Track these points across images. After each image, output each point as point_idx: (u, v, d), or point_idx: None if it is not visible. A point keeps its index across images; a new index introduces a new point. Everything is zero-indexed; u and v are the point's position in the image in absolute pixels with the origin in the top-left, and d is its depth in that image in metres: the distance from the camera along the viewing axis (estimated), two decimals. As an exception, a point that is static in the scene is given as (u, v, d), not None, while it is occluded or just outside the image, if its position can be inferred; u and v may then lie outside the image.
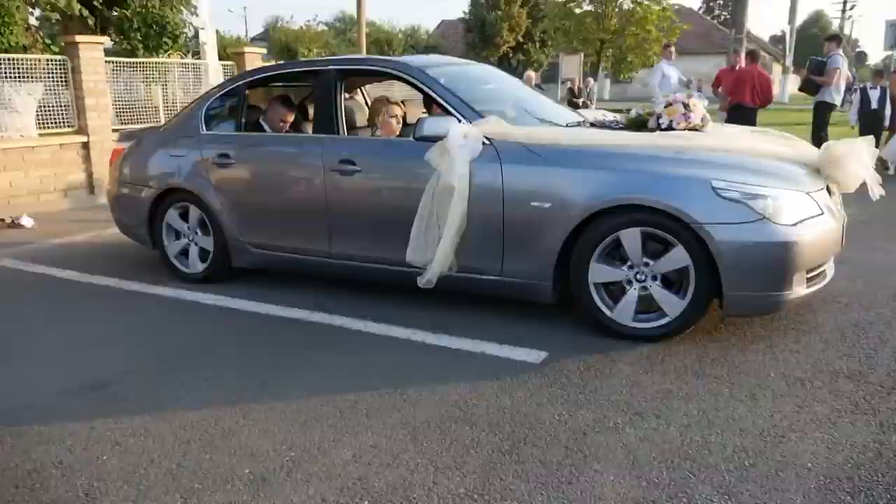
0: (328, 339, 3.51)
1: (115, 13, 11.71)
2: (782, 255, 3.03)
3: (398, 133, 4.31)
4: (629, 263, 3.27)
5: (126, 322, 3.91)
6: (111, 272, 4.83)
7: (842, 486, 2.13)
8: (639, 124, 3.81)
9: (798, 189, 3.15)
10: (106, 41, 9.36)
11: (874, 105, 9.78)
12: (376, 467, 2.32)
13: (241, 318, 3.88)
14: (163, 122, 7.58)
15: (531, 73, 14.32)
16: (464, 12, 38.84)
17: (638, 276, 3.28)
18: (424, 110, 4.32)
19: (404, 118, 4.48)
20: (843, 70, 9.15)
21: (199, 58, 10.43)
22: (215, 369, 3.15)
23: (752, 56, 9.46)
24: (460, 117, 3.62)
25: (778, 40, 51.68)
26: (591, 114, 4.52)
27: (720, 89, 9.63)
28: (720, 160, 3.25)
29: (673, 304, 3.24)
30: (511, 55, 40.60)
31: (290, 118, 4.58)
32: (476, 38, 38.15)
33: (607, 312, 3.34)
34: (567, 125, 3.96)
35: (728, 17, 40.68)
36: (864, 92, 9.83)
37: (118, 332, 3.74)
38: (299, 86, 5.17)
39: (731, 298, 3.10)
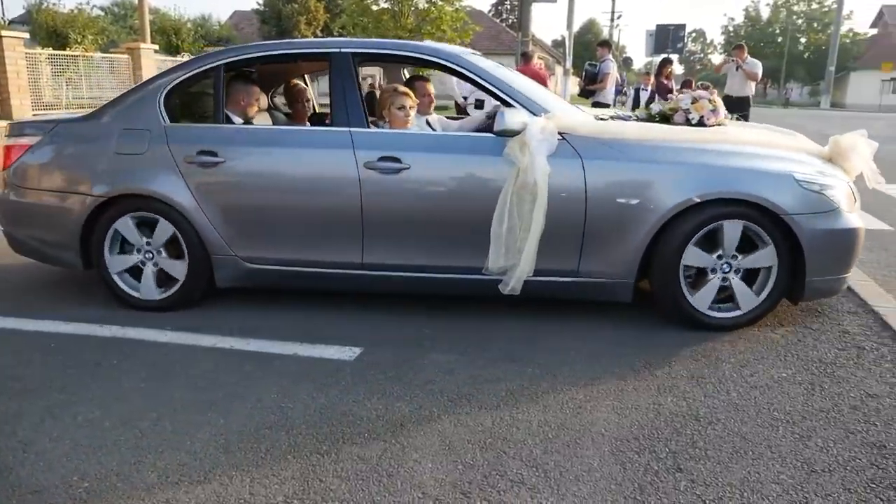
0: (122, 353, 3.21)
1: None
2: (853, 240, 3.34)
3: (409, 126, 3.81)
4: (718, 253, 3.35)
5: None
6: None
7: (630, 447, 2.38)
8: (664, 119, 3.86)
9: (845, 179, 3.44)
10: None
11: (643, 103, 11.04)
12: (186, 486, 2.17)
13: (13, 337, 3.42)
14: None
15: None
16: (258, 3, 37.45)
17: (723, 268, 3.38)
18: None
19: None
20: (613, 73, 10.23)
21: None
22: (-17, 399, 2.75)
23: (525, 57, 10.55)
24: (530, 111, 3.39)
25: (559, 44, 56.30)
26: (608, 111, 4.39)
27: None
28: (788, 155, 3.46)
29: (748, 299, 3.39)
30: (310, 50, 39.94)
31: (261, 101, 3.86)
32: (272, 30, 36.99)
33: (688, 297, 3.38)
34: (606, 119, 3.77)
35: (515, 20, 43.47)
36: (637, 92, 11.05)
37: None
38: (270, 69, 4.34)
39: (813, 284, 3.31)
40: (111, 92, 10.93)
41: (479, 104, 9.53)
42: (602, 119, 3.74)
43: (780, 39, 55.04)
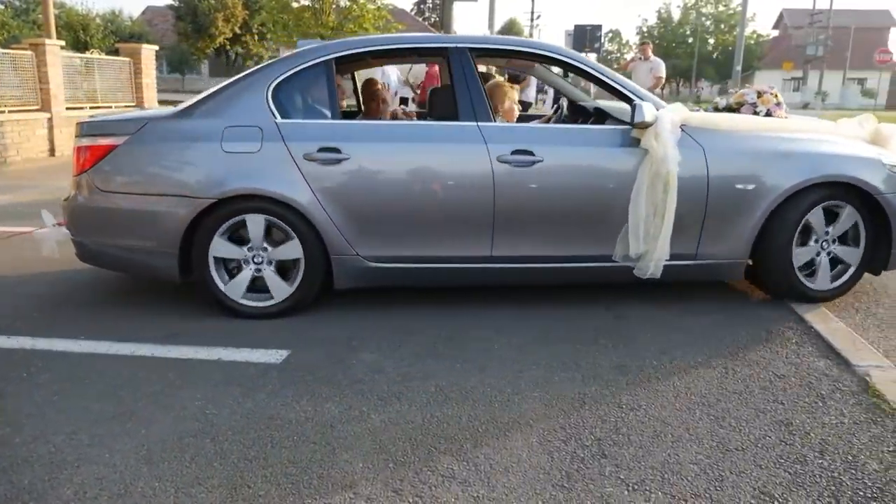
0: (33, 366, 3.04)
1: None
2: None
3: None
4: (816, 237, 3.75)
5: None
6: None
7: (557, 436, 2.44)
8: (730, 112, 4.07)
9: None
10: None
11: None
12: (105, 500, 2.08)
13: None
14: None
15: None
16: (172, -1, 36.15)
17: (823, 245, 3.78)
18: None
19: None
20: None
21: None
22: None
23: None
24: (652, 104, 3.55)
25: (481, 43, 56.84)
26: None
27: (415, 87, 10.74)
28: (863, 144, 3.87)
29: (834, 274, 3.83)
30: (229, 47, 38.93)
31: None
32: (188, 27, 35.83)
33: (798, 274, 3.75)
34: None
35: (438, 19, 43.64)
36: (557, 90, 11.24)
37: None
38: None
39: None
40: (15, 90, 10.31)
41: (404, 101, 9.61)
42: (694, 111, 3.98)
43: (690, 40, 57.43)
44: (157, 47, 13.52)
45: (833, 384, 2.85)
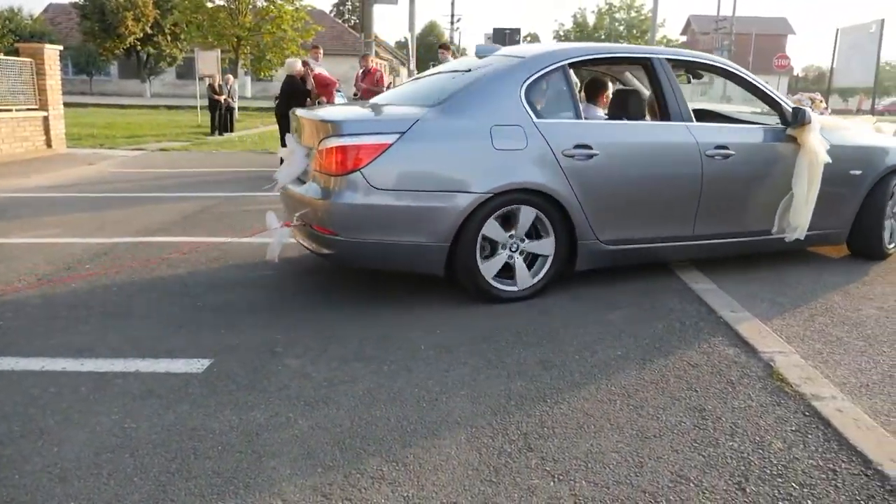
0: (-71, 386, 2.85)
1: None
2: None
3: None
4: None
5: None
6: None
7: (484, 432, 2.48)
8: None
9: None
10: None
11: None
12: (15, 524, 1.97)
13: None
14: None
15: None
16: (77, -4, 34.48)
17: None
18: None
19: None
20: None
21: None
22: None
23: (364, 57, 11.51)
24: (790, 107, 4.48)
25: (402, 46, 56.92)
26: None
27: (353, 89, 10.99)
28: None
29: None
30: (139, 47, 37.44)
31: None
32: (95, 26, 34.24)
33: (885, 239, 4.93)
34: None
35: (357, 21, 43.33)
36: None
37: None
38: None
39: None
40: None
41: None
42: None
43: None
44: (60, 47, 12.83)
45: (741, 370, 3.02)
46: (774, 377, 2.94)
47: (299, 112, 4.31)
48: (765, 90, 4.56)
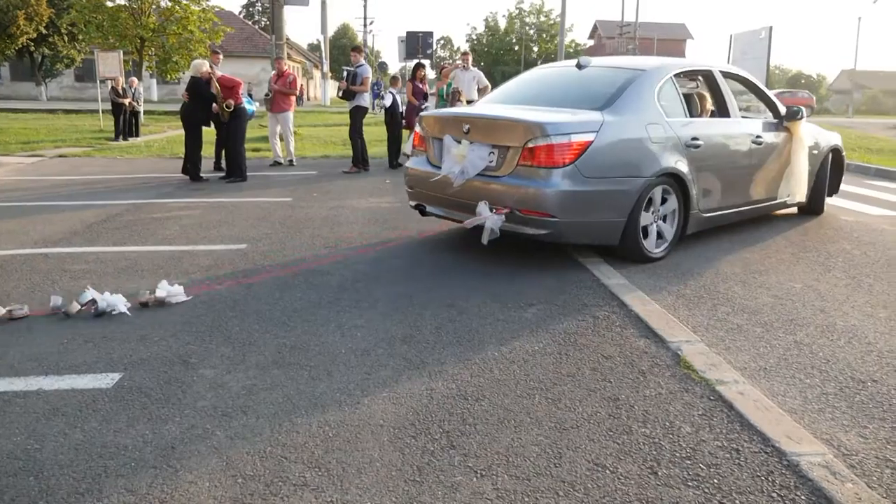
0: None
1: None
2: None
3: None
4: None
5: None
6: None
7: (407, 433, 2.49)
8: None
9: None
10: None
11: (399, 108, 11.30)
12: None
13: None
14: None
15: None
16: (-41, -7, 32.17)
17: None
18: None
19: None
20: (370, 77, 10.51)
21: None
22: None
23: (278, 60, 11.47)
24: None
25: (315, 48, 56.14)
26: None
27: (266, 91, 10.68)
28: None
29: None
30: (33, 48, 35.32)
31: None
32: (-19, 25, 32.03)
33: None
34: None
35: (268, 23, 42.44)
36: (393, 95, 11.25)
37: None
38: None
39: None
40: None
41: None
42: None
43: (516, 48, 60.47)
44: (-57, 48, 11.95)
45: (652, 360, 3.16)
46: (682, 365, 3.09)
47: (472, 112, 5.25)
48: (769, 95, 6.24)
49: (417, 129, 5.43)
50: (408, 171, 5.46)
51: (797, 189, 6.22)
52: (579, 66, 5.43)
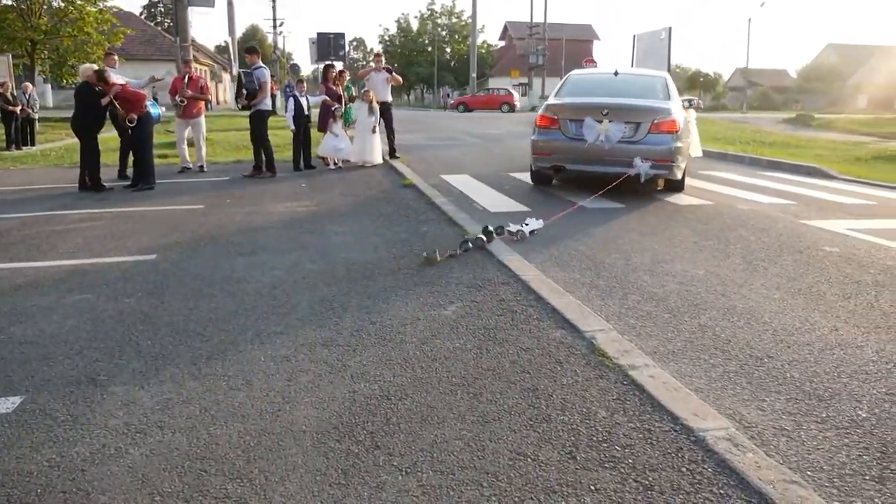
0: None
1: None
2: None
3: None
4: None
5: None
6: None
7: (331, 437, 2.48)
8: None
9: None
10: None
11: (306, 111, 11.07)
12: None
13: None
14: None
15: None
16: None
17: None
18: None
19: None
20: (269, 80, 10.24)
21: None
22: None
23: (186, 64, 11.24)
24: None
25: (223, 50, 54.53)
26: None
27: (177, 96, 10.16)
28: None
29: None
30: None
31: None
32: None
33: None
34: None
35: (171, 24, 40.90)
36: (296, 99, 11.00)
37: None
38: None
39: None
40: None
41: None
42: None
43: (429, 49, 60.73)
44: None
45: (568, 350, 3.26)
46: (597, 353, 3.21)
47: (606, 101, 7.71)
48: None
49: (548, 113, 8.00)
50: (541, 143, 8.05)
51: (695, 152, 9.56)
52: (616, 74, 8.85)
